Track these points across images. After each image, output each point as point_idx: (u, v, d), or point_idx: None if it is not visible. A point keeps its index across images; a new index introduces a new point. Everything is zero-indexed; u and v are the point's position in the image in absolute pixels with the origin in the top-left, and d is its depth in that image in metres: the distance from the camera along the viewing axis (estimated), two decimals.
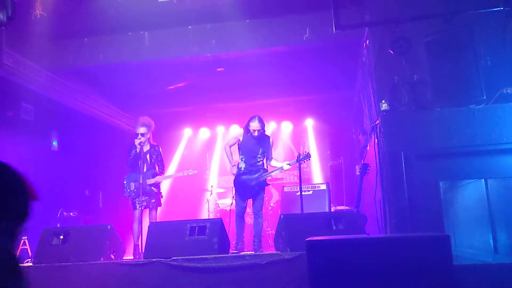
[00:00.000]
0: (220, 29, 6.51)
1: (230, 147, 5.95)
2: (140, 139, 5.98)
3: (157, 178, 6.01)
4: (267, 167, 5.84)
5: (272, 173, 5.91)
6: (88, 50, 6.77)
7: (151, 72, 7.33)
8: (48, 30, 6.03)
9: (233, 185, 5.97)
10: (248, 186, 5.72)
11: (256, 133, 5.65)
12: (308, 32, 6.26)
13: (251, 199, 5.80)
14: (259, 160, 5.73)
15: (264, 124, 5.73)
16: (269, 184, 5.95)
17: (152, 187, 5.98)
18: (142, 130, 6.02)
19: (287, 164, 5.79)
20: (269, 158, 5.82)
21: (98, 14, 6.05)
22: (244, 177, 5.74)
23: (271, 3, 6.13)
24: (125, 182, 6.02)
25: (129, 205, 6.08)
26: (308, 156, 5.82)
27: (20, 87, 6.44)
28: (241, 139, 5.79)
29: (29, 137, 6.84)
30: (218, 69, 7.42)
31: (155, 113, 9.76)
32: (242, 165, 5.77)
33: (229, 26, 6.41)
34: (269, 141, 5.82)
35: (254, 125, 5.64)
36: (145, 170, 5.94)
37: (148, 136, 6.08)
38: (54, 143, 7.57)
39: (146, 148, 6.06)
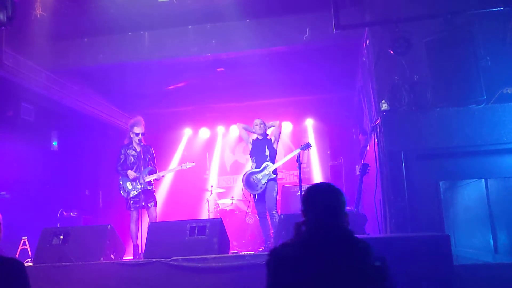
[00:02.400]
0: (220, 29, 6.50)
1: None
2: (140, 137, 5.99)
3: (156, 175, 5.99)
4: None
5: (275, 167, 6.06)
6: (88, 50, 6.76)
7: (151, 72, 7.32)
8: (48, 30, 6.03)
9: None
10: (255, 179, 6.01)
11: (259, 127, 6.13)
12: (308, 32, 6.26)
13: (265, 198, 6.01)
14: (267, 160, 6.07)
15: (264, 123, 6.23)
16: (275, 177, 6.09)
17: (150, 186, 5.97)
18: (141, 129, 6.04)
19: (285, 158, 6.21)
20: (275, 153, 6.20)
21: (98, 14, 6.04)
22: (251, 174, 6.09)
23: (271, 3, 6.12)
24: (121, 182, 6.00)
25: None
26: (308, 145, 6.16)
27: (20, 87, 6.44)
28: (250, 147, 6.25)
29: (29, 137, 6.84)
30: (218, 69, 7.42)
31: (155, 113, 9.77)
32: (254, 165, 6.15)
33: (229, 26, 6.40)
34: (271, 138, 6.21)
35: (256, 121, 6.23)
36: (142, 169, 5.94)
37: (142, 136, 6.10)
38: (54, 143, 7.58)
39: (138, 148, 6.07)
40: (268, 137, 6.25)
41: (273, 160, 6.11)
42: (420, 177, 4.42)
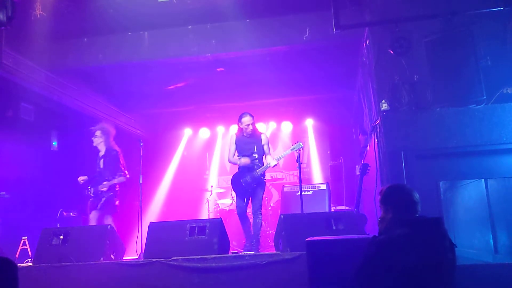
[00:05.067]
0: (220, 29, 6.50)
1: (234, 156, 5.94)
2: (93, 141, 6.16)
3: (103, 185, 6.00)
4: (265, 162, 5.89)
5: (266, 168, 5.85)
6: (88, 50, 6.76)
7: (151, 72, 7.32)
8: (48, 30, 6.03)
9: (231, 185, 5.96)
10: (245, 183, 5.74)
11: (249, 128, 5.75)
12: (308, 32, 6.26)
13: (251, 198, 5.79)
14: (255, 157, 5.78)
15: (254, 120, 5.83)
16: (264, 179, 5.87)
17: (103, 192, 6.01)
18: (95, 133, 6.16)
19: (275, 159, 5.79)
20: (266, 155, 5.87)
21: (98, 14, 6.04)
22: (241, 175, 5.80)
23: (271, 2, 6.12)
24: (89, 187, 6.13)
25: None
26: (298, 146, 5.84)
27: (20, 87, 6.44)
28: (235, 142, 5.89)
29: (29, 137, 6.84)
30: (218, 69, 7.42)
31: (155, 113, 9.78)
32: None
33: (229, 26, 6.40)
34: (261, 137, 5.89)
35: (246, 119, 5.75)
36: (97, 174, 6.06)
37: (100, 140, 6.16)
38: (54, 143, 7.57)
39: (101, 153, 6.17)
40: (257, 135, 5.86)
41: (261, 160, 5.84)
42: (420, 177, 4.41)
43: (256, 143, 5.81)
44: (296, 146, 5.85)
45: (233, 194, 6.16)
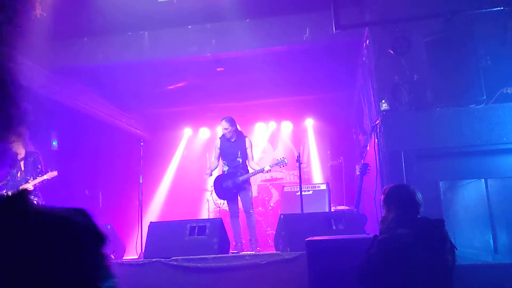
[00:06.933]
0: (220, 29, 6.50)
1: (214, 160, 6.09)
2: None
3: (23, 186, 5.80)
4: (248, 168, 5.89)
5: (250, 176, 5.85)
6: (88, 50, 6.76)
7: (151, 72, 7.32)
8: (48, 30, 6.02)
9: (213, 187, 6.03)
10: (226, 187, 5.78)
11: (227, 133, 5.79)
12: (308, 32, 6.26)
13: (240, 201, 5.83)
14: (239, 162, 5.80)
15: (234, 123, 5.85)
16: (246, 185, 5.83)
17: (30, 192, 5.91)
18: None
19: (259, 170, 5.78)
20: (248, 159, 5.88)
21: (98, 14, 6.04)
22: (223, 179, 5.85)
23: (271, 2, 6.12)
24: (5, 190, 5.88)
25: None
26: (282, 162, 5.89)
27: (20, 87, 6.42)
28: (219, 146, 5.95)
29: (29, 137, 6.84)
30: (218, 69, 7.42)
31: (155, 113, 9.78)
32: (226, 168, 5.89)
33: (229, 26, 6.40)
34: (245, 141, 5.90)
35: (222, 124, 5.84)
36: (18, 177, 5.85)
37: (19, 143, 6.06)
38: (54, 143, 7.57)
39: (21, 155, 5.99)
40: (242, 139, 5.88)
41: (244, 165, 5.84)
42: (420, 177, 4.41)
43: (240, 148, 5.84)
44: (280, 162, 5.90)
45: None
